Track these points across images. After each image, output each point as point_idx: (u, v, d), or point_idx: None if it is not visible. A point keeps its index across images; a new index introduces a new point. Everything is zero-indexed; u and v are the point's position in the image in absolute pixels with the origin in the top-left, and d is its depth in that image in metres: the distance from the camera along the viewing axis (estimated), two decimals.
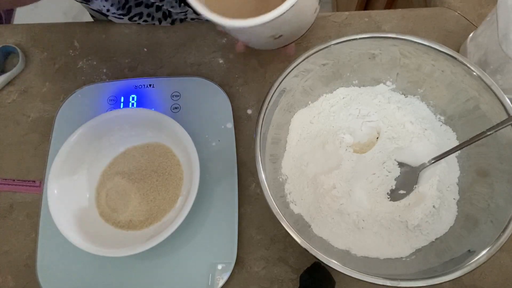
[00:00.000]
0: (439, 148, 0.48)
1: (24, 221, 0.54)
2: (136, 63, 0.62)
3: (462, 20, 0.62)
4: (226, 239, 0.50)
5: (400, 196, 0.47)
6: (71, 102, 0.58)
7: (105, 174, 0.53)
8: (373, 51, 0.48)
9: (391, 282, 0.37)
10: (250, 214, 0.53)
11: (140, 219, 0.50)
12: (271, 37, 0.44)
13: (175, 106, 0.57)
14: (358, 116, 0.51)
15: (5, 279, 0.51)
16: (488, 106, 0.44)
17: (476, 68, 0.43)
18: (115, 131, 0.53)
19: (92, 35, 0.64)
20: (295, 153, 0.50)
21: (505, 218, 0.39)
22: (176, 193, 0.51)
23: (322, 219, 0.47)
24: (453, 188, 0.47)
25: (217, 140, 0.55)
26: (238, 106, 0.58)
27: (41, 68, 0.62)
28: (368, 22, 0.62)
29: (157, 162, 0.53)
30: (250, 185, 0.54)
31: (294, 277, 0.50)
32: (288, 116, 0.51)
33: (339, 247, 0.46)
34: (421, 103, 0.51)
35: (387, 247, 0.45)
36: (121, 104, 0.57)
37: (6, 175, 0.56)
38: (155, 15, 0.62)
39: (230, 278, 0.49)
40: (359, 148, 0.50)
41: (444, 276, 0.37)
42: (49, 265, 0.50)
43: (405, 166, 0.48)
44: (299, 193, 0.48)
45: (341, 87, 0.52)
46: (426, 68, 0.48)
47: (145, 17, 0.61)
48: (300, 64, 0.46)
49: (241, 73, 0.60)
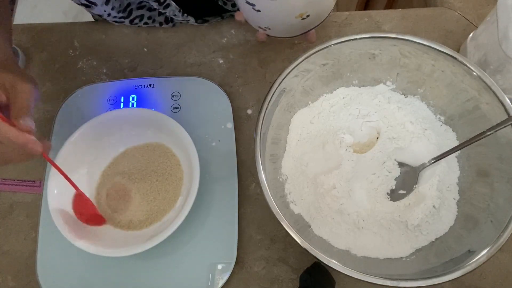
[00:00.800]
0: (439, 148, 0.48)
1: (24, 221, 0.54)
2: (136, 63, 0.62)
3: (462, 20, 0.62)
4: (226, 239, 0.50)
5: (400, 196, 0.47)
6: (71, 102, 0.58)
7: (105, 174, 0.53)
8: (373, 51, 0.48)
9: (391, 282, 0.37)
10: (250, 214, 0.53)
11: (140, 219, 0.50)
12: (298, 17, 0.46)
13: (175, 106, 0.57)
14: (358, 116, 0.51)
15: (5, 279, 0.51)
16: (488, 106, 0.44)
17: (476, 68, 0.43)
18: (115, 131, 0.53)
19: (92, 35, 0.64)
20: (295, 153, 0.50)
21: (505, 218, 0.39)
22: (176, 193, 0.51)
23: (322, 219, 0.47)
24: (453, 188, 0.47)
25: (217, 140, 0.55)
26: (238, 106, 0.58)
27: (41, 68, 0.62)
28: (368, 22, 0.62)
29: (157, 162, 0.53)
30: (250, 185, 0.54)
31: (294, 277, 0.50)
32: (288, 116, 0.51)
33: (339, 247, 0.46)
34: (421, 103, 0.51)
35: (387, 247, 0.45)
36: (121, 104, 0.57)
37: (6, 175, 0.56)
38: (157, 19, 0.62)
39: (230, 278, 0.49)
40: (359, 148, 0.50)
41: (444, 276, 0.37)
42: (49, 265, 0.50)
43: (405, 166, 0.48)
44: (299, 193, 0.48)
45: (341, 87, 0.52)
46: (426, 68, 0.48)
47: (145, 19, 0.61)
48: (300, 64, 0.46)
49: (241, 73, 0.60)
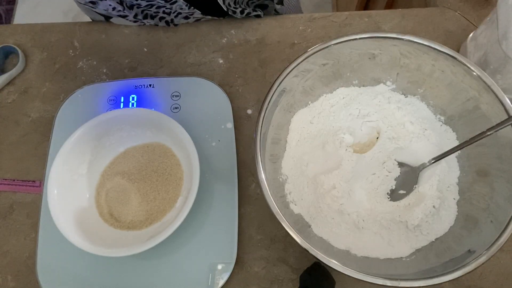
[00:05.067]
0: (439, 148, 0.48)
1: (24, 221, 0.54)
2: (136, 63, 0.62)
3: (462, 20, 0.62)
4: (226, 239, 0.50)
5: (400, 196, 0.47)
6: (71, 102, 0.58)
7: (105, 174, 0.53)
8: (373, 51, 0.48)
9: (391, 282, 0.37)
10: (250, 214, 0.53)
11: (140, 219, 0.50)
12: None
13: (175, 106, 0.57)
14: (358, 116, 0.51)
15: (5, 279, 0.51)
16: (488, 106, 0.44)
17: (476, 68, 0.43)
18: (115, 131, 0.53)
19: (92, 35, 0.64)
20: (295, 153, 0.50)
21: (505, 218, 0.39)
22: (176, 193, 0.51)
23: (322, 219, 0.47)
24: (453, 188, 0.47)
25: (217, 140, 0.55)
26: (238, 106, 0.58)
27: (41, 68, 0.62)
28: (368, 22, 0.62)
29: (157, 162, 0.53)
30: (250, 185, 0.54)
31: (294, 277, 0.50)
32: (288, 116, 0.51)
33: (339, 247, 0.46)
34: (421, 103, 0.51)
35: (387, 247, 0.45)
36: (121, 104, 0.57)
37: (6, 175, 0.56)
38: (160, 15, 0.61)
39: (230, 278, 0.49)
40: (359, 148, 0.50)
41: (444, 276, 0.37)
42: (49, 265, 0.50)
43: (405, 166, 0.48)
44: (299, 193, 0.48)
45: (341, 87, 0.52)
46: (426, 68, 0.48)
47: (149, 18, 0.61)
48: (300, 64, 0.46)
49: (241, 73, 0.60)
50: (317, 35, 0.62)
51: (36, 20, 0.67)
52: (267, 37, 0.62)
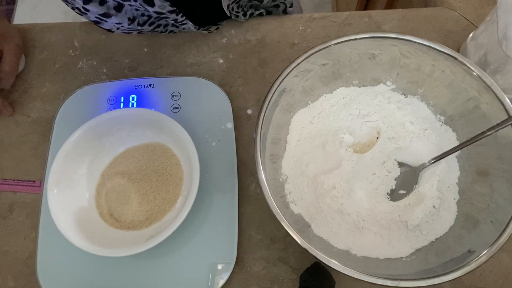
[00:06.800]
0: (439, 148, 0.48)
1: (24, 221, 0.54)
2: (136, 63, 0.62)
3: (462, 20, 0.62)
4: (226, 239, 0.50)
5: (400, 196, 0.47)
6: (71, 102, 0.58)
7: (105, 174, 0.53)
8: (373, 51, 0.48)
9: (391, 282, 0.37)
10: (250, 214, 0.53)
11: (140, 219, 0.50)
12: None
13: (175, 106, 0.57)
14: (358, 116, 0.51)
15: (5, 279, 0.51)
16: (488, 106, 0.44)
17: (476, 68, 0.43)
18: (115, 131, 0.53)
19: (92, 35, 0.64)
20: (295, 153, 0.50)
21: (505, 218, 0.39)
22: (176, 193, 0.51)
23: (322, 219, 0.47)
24: (453, 188, 0.47)
25: (217, 140, 0.55)
26: (238, 106, 0.58)
27: (41, 68, 0.62)
28: (368, 22, 0.62)
29: (157, 162, 0.53)
30: (250, 185, 0.54)
31: (294, 277, 0.50)
32: (288, 116, 0.51)
33: (339, 247, 0.46)
34: (421, 103, 0.51)
35: (387, 247, 0.45)
36: (121, 104, 0.57)
37: (6, 175, 0.56)
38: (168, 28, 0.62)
39: (230, 278, 0.49)
40: (359, 148, 0.50)
41: (444, 276, 0.37)
42: (49, 265, 0.50)
43: (405, 166, 0.48)
44: (299, 193, 0.48)
45: (341, 87, 0.52)
46: (426, 68, 0.48)
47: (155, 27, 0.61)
48: (300, 64, 0.46)
49: (241, 73, 0.60)
50: (317, 35, 0.62)
51: (36, 20, 0.67)
52: (267, 37, 0.62)
